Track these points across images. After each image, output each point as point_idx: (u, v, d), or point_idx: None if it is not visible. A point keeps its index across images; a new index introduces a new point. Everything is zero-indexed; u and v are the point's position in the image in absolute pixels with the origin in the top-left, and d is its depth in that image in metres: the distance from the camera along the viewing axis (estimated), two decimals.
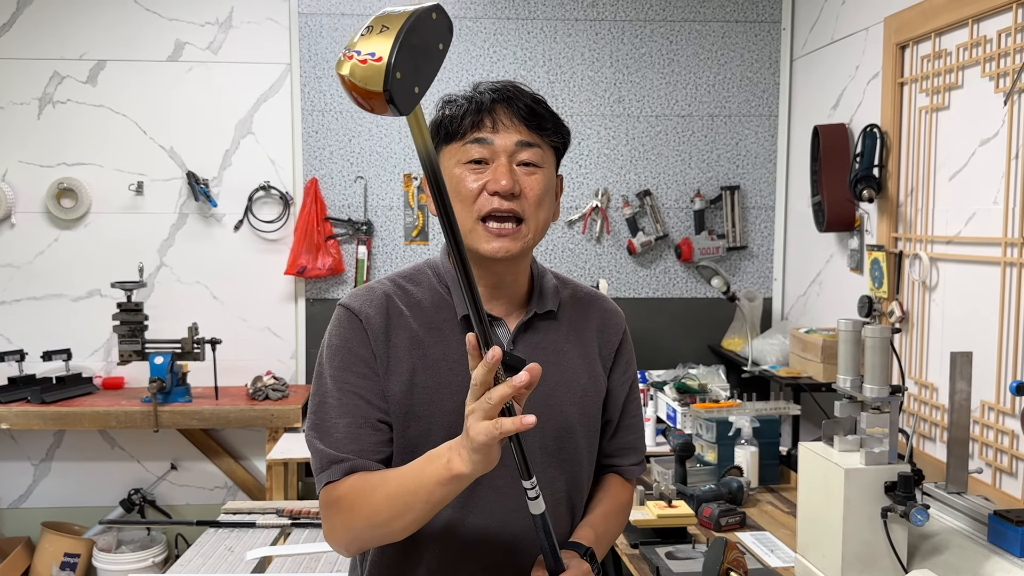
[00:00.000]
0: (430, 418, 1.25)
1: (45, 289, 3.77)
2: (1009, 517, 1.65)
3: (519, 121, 1.24)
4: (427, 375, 1.25)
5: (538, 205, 1.26)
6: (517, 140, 1.24)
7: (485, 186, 1.23)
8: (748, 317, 3.66)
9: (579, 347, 1.36)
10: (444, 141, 1.27)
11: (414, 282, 1.32)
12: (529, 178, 1.25)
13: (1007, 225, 2.34)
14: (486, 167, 1.24)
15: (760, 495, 2.55)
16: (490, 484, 1.23)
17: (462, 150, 1.24)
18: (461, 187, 1.24)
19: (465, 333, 1.17)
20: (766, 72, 3.90)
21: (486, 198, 1.23)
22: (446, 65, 3.77)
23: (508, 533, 1.28)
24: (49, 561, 3.60)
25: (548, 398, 1.28)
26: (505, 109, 1.24)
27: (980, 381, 2.39)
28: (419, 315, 1.28)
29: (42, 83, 3.70)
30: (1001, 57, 2.37)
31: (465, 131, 1.24)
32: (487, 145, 1.23)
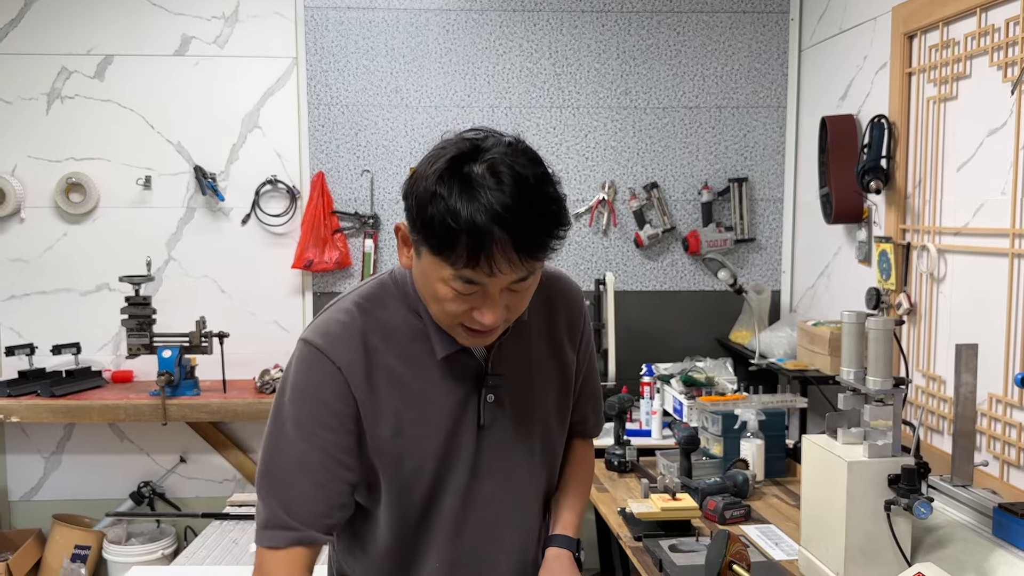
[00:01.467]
0: (421, 455, 1.24)
1: (54, 283, 3.79)
2: (1014, 510, 1.64)
3: (517, 262, 1.08)
4: (413, 413, 1.22)
5: (520, 310, 1.19)
6: (512, 280, 1.12)
7: (471, 309, 1.13)
8: (755, 310, 3.64)
9: (549, 344, 1.37)
10: (429, 250, 1.10)
11: (380, 305, 1.23)
12: (516, 296, 1.15)
13: (1015, 216, 2.31)
14: (474, 294, 1.12)
15: (766, 488, 2.55)
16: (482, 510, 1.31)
17: (451, 276, 1.10)
18: (446, 305, 1.14)
19: (445, 369, 1.21)
20: (774, 63, 3.87)
21: (470, 318, 1.14)
22: (452, 59, 3.78)
23: (502, 548, 1.34)
24: (60, 553, 3.63)
25: (526, 402, 1.32)
26: (504, 252, 1.06)
27: (988, 373, 2.37)
28: (393, 346, 1.21)
29: (50, 78, 3.72)
30: (1009, 46, 2.35)
31: (456, 264, 1.08)
32: (478, 286, 1.11)
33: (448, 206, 1.05)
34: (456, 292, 1.11)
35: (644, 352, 3.62)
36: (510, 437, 1.30)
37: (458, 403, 1.25)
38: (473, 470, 1.28)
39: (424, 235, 1.09)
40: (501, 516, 1.32)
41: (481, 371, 1.26)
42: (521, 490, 1.35)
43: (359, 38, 3.77)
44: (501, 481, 1.30)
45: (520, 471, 1.33)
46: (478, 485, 1.28)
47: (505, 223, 1.05)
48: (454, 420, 1.24)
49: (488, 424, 1.27)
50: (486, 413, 1.27)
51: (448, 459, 1.24)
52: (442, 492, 1.26)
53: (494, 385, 1.26)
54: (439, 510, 1.27)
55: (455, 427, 1.24)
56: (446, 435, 1.23)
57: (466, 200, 1.05)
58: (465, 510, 1.28)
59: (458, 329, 1.18)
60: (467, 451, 1.27)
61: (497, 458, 1.29)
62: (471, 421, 1.26)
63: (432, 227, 1.06)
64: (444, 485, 1.26)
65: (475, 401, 1.26)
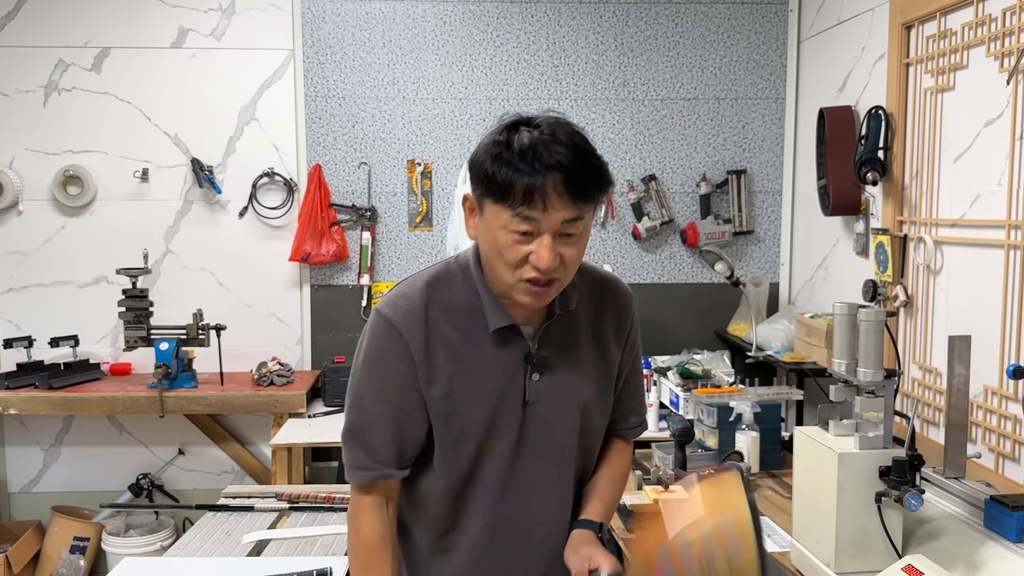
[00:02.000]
0: (468, 418, 1.38)
1: (52, 276, 3.80)
2: (1005, 502, 1.63)
3: (568, 199, 1.26)
4: (464, 379, 1.37)
5: (574, 265, 1.34)
6: (564, 219, 1.27)
7: (528, 256, 1.29)
8: (753, 302, 3.63)
9: (594, 336, 1.48)
10: (490, 197, 1.29)
11: (445, 285, 1.40)
12: (569, 248, 1.31)
13: (1011, 207, 2.30)
14: (531, 238, 1.28)
15: (760, 480, 2.54)
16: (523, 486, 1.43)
17: (509, 219, 1.27)
18: (506, 253, 1.29)
19: (496, 343, 1.38)
20: (773, 54, 3.85)
21: (528, 268, 1.29)
22: (449, 51, 3.76)
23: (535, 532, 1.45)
24: (59, 545, 3.64)
25: (566, 387, 1.43)
26: (556, 187, 1.25)
27: (983, 365, 2.36)
28: (453, 320, 1.38)
29: (47, 71, 3.72)
30: (1006, 36, 2.33)
31: (514, 202, 1.25)
32: (534, 222, 1.27)
33: (506, 156, 1.26)
34: (515, 237, 1.28)
35: (642, 345, 3.60)
36: (552, 415, 1.42)
37: (506, 376, 1.39)
38: (517, 441, 1.41)
39: (487, 187, 1.28)
40: (540, 487, 1.44)
41: (529, 350, 1.40)
42: (560, 464, 1.45)
43: (356, 30, 3.77)
44: (542, 455, 1.43)
45: (560, 448, 1.45)
46: (521, 456, 1.41)
47: (555, 165, 1.24)
48: (501, 392, 1.39)
49: (532, 400, 1.41)
50: (531, 389, 1.41)
51: (493, 427, 1.38)
52: (487, 457, 1.40)
53: (539, 364, 1.40)
54: (484, 473, 1.40)
55: (501, 398, 1.39)
56: (492, 403, 1.38)
57: (521, 149, 1.25)
58: (508, 477, 1.41)
59: (519, 287, 1.32)
60: (512, 422, 1.40)
61: (539, 433, 1.42)
62: (517, 396, 1.40)
63: (494, 177, 1.26)
64: (489, 450, 1.40)
65: (521, 377, 1.40)
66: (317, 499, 2.34)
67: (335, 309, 3.84)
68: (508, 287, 1.34)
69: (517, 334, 1.40)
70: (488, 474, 1.41)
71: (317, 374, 3.75)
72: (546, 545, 1.46)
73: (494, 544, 1.44)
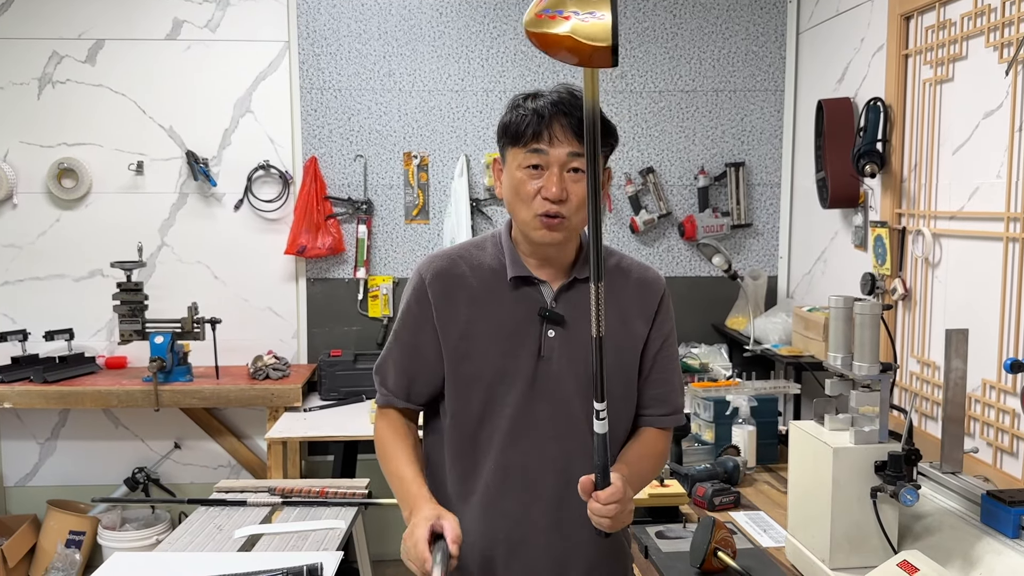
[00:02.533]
0: (481, 361, 1.51)
1: (47, 269, 3.78)
2: (1002, 498, 1.61)
3: (572, 135, 1.43)
4: (481, 324, 1.51)
5: (580, 206, 1.47)
6: (568, 152, 1.44)
7: (540, 190, 1.45)
8: (751, 296, 3.61)
9: (616, 307, 1.54)
10: (509, 143, 1.49)
11: (479, 247, 1.59)
12: (576, 184, 1.45)
13: (1010, 199, 2.28)
14: (542, 172, 1.45)
15: (757, 474, 2.53)
16: (536, 418, 1.52)
17: (523, 156, 1.46)
18: (521, 189, 1.47)
19: (516, 297, 1.52)
20: (772, 46, 3.83)
21: (540, 201, 1.45)
22: (446, 43, 3.74)
23: (552, 460, 1.53)
24: (55, 539, 3.63)
25: (584, 348, 1.49)
26: (560, 123, 1.44)
27: (982, 359, 2.34)
28: (479, 275, 1.55)
29: (41, 63, 3.69)
30: (1005, 26, 2.31)
31: (526, 140, 1.45)
32: (543, 155, 1.45)
33: (520, 107, 1.48)
34: (528, 172, 1.46)
35: None
36: (566, 373, 1.51)
37: (521, 328, 1.51)
38: (528, 391, 1.51)
39: (505, 135, 1.49)
40: (549, 439, 1.52)
41: (545, 306, 1.53)
42: (571, 421, 1.52)
43: (351, 21, 3.74)
44: (553, 409, 1.51)
45: (572, 406, 1.52)
46: (532, 407, 1.51)
47: (559, 106, 1.44)
48: (515, 341, 1.51)
49: (547, 355, 1.51)
50: (546, 345, 1.51)
51: (505, 374, 1.50)
52: (498, 404, 1.51)
53: (554, 320, 1.51)
54: (496, 419, 1.50)
55: (515, 348, 1.50)
56: (505, 351, 1.50)
57: (532, 101, 1.47)
58: (518, 425, 1.51)
59: (533, 223, 1.47)
60: (525, 374, 1.50)
61: (552, 387, 1.51)
62: (531, 348, 1.51)
63: (510, 124, 1.48)
64: (501, 398, 1.51)
65: (537, 331, 1.51)
66: (310, 493, 2.33)
67: (331, 303, 3.83)
68: (525, 225, 1.49)
69: (536, 291, 1.53)
70: (499, 419, 1.51)
71: (313, 368, 3.73)
72: (556, 495, 1.52)
73: (505, 490, 1.52)
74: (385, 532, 3.86)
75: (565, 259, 1.56)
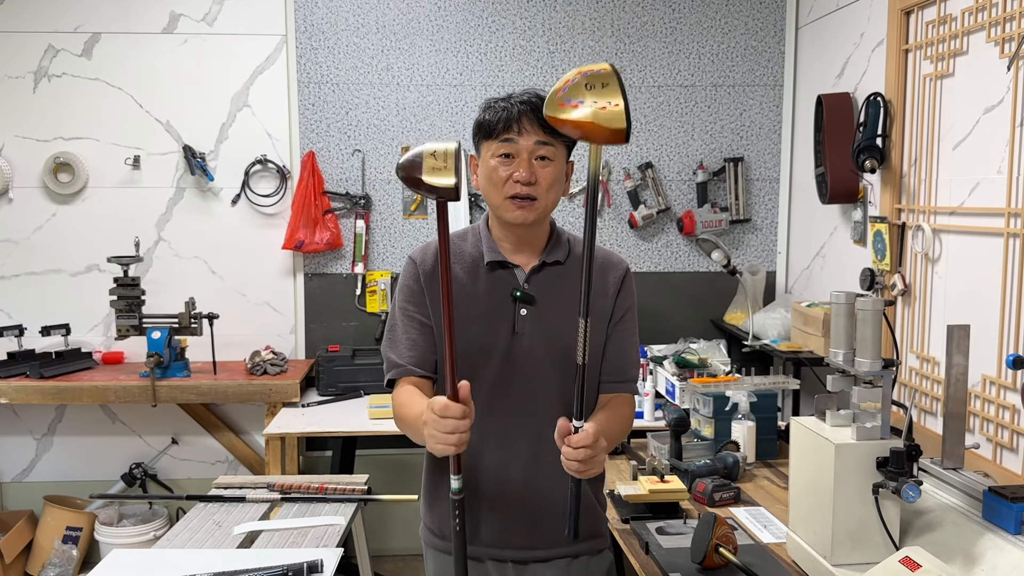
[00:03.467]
0: (463, 337, 1.59)
1: (44, 264, 3.76)
2: (1004, 494, 1.61)
3: (538, 127, 1.62)
4: (462, 305, 1.65)
5: (549, 188, 1.66)
6: (536, 140, 1.63)
7: (511, 175, 1.63)
8: (750, 291, 3.61)
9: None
10: (483, 138, 1.68)
11: (463, 239, 1.77)
12: (543, 170, 1.65)
13: (1010, 195, 2.28)
14: (512, 160, 1.64)
15: (757, 470, 2.53)
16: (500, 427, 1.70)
17: (496, 146, 1.65)
18: (494, 175, 1.66)
19: (492, 281, 1.71)
20: (771, 41, 3.82)
21: (511, 184, 1.64)
22: (444, 37, 3.73)
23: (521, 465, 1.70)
24: (51, 535, 3.62)
25: (553, 326, 1.69)
26: (528, 117, 1.63)
27: (982, 354, 2.34)
28: (461, 261, 1.73)
29: (37, 56, 3.67)
30: (1007, 21, 2.30)
31: (498, 133, 1.64)
32: (513, 144, 1.64)
33: (492, 106, 1.67)
34: (500, 160, 1.64)
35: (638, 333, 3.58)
36: (540, 347, 1.69)
37: (497, 306, 1.69)
38: (505, 365, 1.69)
39: (479, 131, 1.68)
40: (524, 406, 1.69)
41: (518, 287, 1.71)
42: (542, 388, 1.69)
43: (349, 15, 3.72)
44: (526, 379, 1.69)
45: (543, 376, 1.69)
46: (509, 379, 1.69)
47: (527, 104, 1.63)
48: (492, 319, 1.69)
49: (520, 331, 1.69)
50: (519, 322, 1.69)
51: (483, 349, 1.67)
52: (480, 376, 1.65)
53: (526, 300, 1.70)
54: (476, 391, 1.54)
55: (492, 325, 1.68)
56: (483, 329, 1.68)
57: (502, 101, 1.66)
58: (496, 394, 1.68)
59: (506, 205, 1.65)
60: (502, 348, 1.68)
61: (525, 359, 1.69)
62: (506, 326, 1.69)
63: (483, 122, 1.67)
64: (483, 371, 1.67)
65: (511, 310, 1.70)
66: (309, 489, 2.32)
67: (329, 298, 3.82)
68: (499, 208, 1.67)
69: (510, 274, 1.71)
70: (480, 391, 1.60)
71: (311, 363, 3.72)
72: (531, 453, 1.69)
73: (485, 451, 1.69)
74: (384, 528, 3.86)
75: (537, 243, 1.74)
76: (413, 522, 1.97)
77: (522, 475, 1.70)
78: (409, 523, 3.86)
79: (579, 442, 1.47)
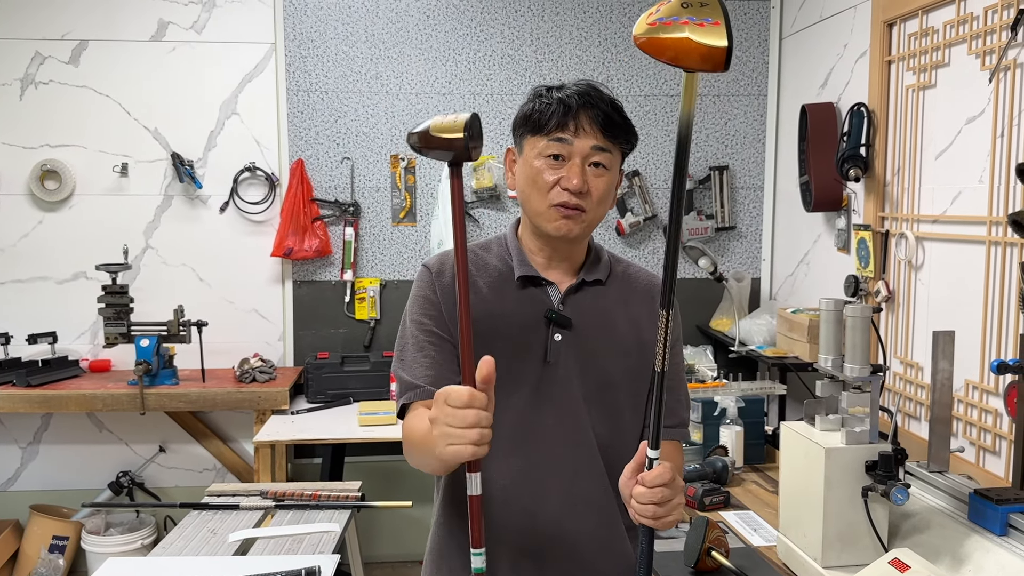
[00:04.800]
0: (486, 355, 1.33)
1: (30, 272, 3.75)
2: (989, 496, 1.65)
3: (597, 128, 1.39)
4: (486, 323, 1.40)
5: (600, 202, 1.43)
6: (593, 145, 1.40)
7: (559, 180, 1.39)
8: (735, 298, 3.65)
9: (626, 312, 1.50)
10: (529, 132, 1.43)
11: (486, 250, 1.52)
12: (597, 179, 1.41)
13: (992, 204, 2.33)
14: (562, 163, 1.40)
15: (745, 474, 2.56)
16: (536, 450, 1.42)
17: (544, 145, 1.41)
18: (539, 178, 1.41)
19: (522, 299, 1.45)
20: (755, 51, 3.87)
21: (558, 191, 1.40)
22: (433, 46, 3.75)
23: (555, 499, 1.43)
24: (38, 544, 3.60)
25: (592, 354, 1.45)
26: (587, 114, 1.39)
27: (965, 360, 2.39)
28: (485, 274, 1.48)
29: (24, 63, 3.66)
30: (987, 34, 2.35)
31: (550, 129, 1.40)
32: (566, 145, 1.40)
33: (544, 96, 1.42)
34: (548, 162, 1.40)
35: None
36: (574, 380, 1.44)
37: (527, 329, 1.44)
38: (533, 396, 1.43)
39: (526, 123, 1.43)
40: (556, 447, 1.43)
41: (552, 308, 1.46)
42: (579, 430, 1.44)
43: (338, 23, 3.74)
44: (560, 416, 1.43)
45: (579, 415, 1.44)
46: (538, 413, 1.43)
47: (586, 100, 1.39)
48: (520, 344, 1.43)
49: (553, 360, 1.43)
50: (552, 349, 1.44)
51: (509, 377, 1.38)
52: (502, 408, 1.30)
53: (561, 323, 1.44)
54: (497, 427, 1.27)
55: (520, 351, 1.42)
56: (510, 353, 1.39)
57: (556, 91, 1.42)
58: (523, 432, 1.42)
59: (549, 213, 1.41)
60: (530, 378, 1.43)
61: (558, 394, 1.43)
62: (537, 352, 1.43)
63: (532, 113, 1.42)
64: (505, 401, 1.34)
65: (543, 335, 1.44)
66: (303, 497, 2.33)
67: (318, 305, 3.82)
68: (539, 216, 1.43)
69: (543, 293, 1.47)
70: (502, 429, 1.35)
71: (300, 370, 3.72)
72: (561, 508, 1.42)
73: (507, 501, 1.42)
74: (375, 535, 3.87)
75: (574, 261, 1.50)
76: (403, 529, 1.98)
77: (551, 530, 1.43)
78: (399, 530, 3.87)
79: (656, 479, 1.21)
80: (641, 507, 1.22)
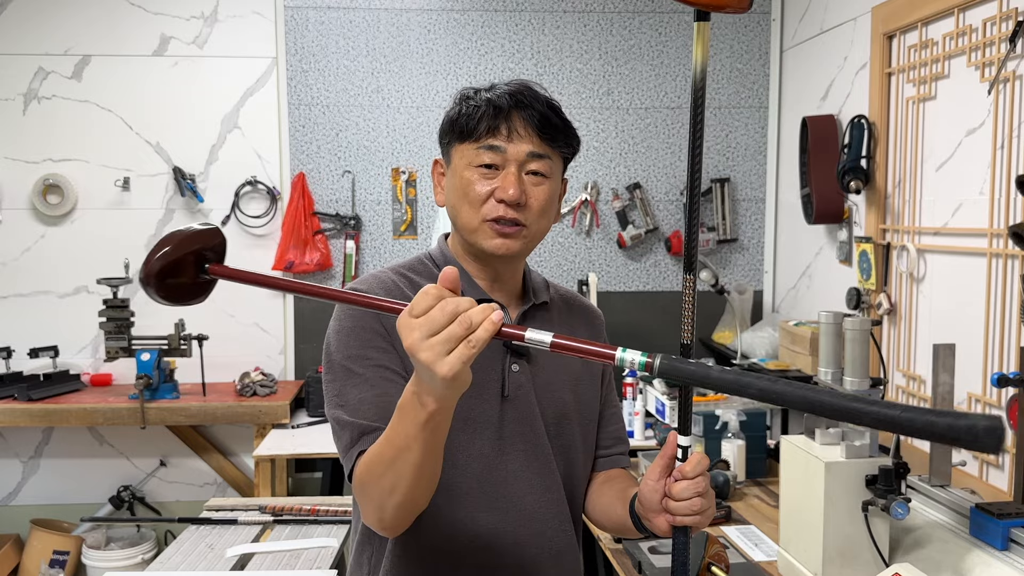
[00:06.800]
0: None
1: (32, 286, 3.75)
2: (991, 510, 1.64)
3: (533, 131, 1.25)
4: None
5: (541, 214, 1.28)
6: (529, 151, 1.26)
7: (493, 192, 1.25)
8: (737, 310, 3.64)
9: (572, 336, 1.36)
10: (457, 139, 1.28)
11: (416, 272, 1.34)
12: (536, 188, 1.26)
13: (992, 215, 2.32)
14: (496, 172, 1.25)
15: (747, 489, 2.54)
16: (503, 482, 1.27)
17: (474, 153, 1.26)
18: (470, 190, 1.25)
19: None
20: (756, 64, 3.88)
21: (493, 204, 1.24)
22: (434, 60, 3.76)
23: (521, 532, 1.28)
24: (38, 559, 3.58)
25: (547, 384, 1.32)
26: (521, 116, 1.25)
27: (966, 372, 2.37)
28: None
29: (27, 78, 3.68)
30: (986, 46, 2.35)
31: (480, 134, 1.25)
32: (499, 152, 1.25)
33: (471, 98, 1.27)
34: (480, 172, 1.25)
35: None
36: (535, 415, 1.30)
37: (481, 364, 1.18)
38: (499, 442, 1.27)
39: (453, 130, 1.28)
40: (527, 500, 1.28)
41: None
42: (546, 473, 1.30)
43: (340, 38, 3.75)
44: (527, 461, 1.28)
45: (544, 452, 1.30)
46: (505, 459, 1.27)
47: (518, 101, 1.25)
48: (476, 379, 1.07)
49: (512, 394, 1.28)
50: (510, 381, 1.28)
51: (469, 422, 1.24)
52: (465, 459, 1.24)
53: (520, 353, 1.29)
54: (460, 478, 1.23)
55: (476, 388, 1.14)
56: (467, 391, 1.04)
57: (486, 92, 1.28)
58: (491, 484, 1.26)
59: (484, 230, 1.25)
60: (491, 418, 1.26)
61: (524, 432, 1.28)
62: (493, 388, 1.27)
63: (459, 118, 1.27)
64: (467, 449, 1.25)
65: (499, 367, 1.28)
66: (301, 512, 2.32)
67: (319, 318, 3.82)
68: (472, 233, 1.26)
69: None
70: (467, 476, 1.24)
71: (301, 384, 3.72)
72: (537, 555, 1.29)
73: (481, 552, 1.25)
74: None
75: (515, 284, 1.36)
76: None
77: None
78: None
79: (697, 467, 1.12)
80: (683, 505, 1.11)
